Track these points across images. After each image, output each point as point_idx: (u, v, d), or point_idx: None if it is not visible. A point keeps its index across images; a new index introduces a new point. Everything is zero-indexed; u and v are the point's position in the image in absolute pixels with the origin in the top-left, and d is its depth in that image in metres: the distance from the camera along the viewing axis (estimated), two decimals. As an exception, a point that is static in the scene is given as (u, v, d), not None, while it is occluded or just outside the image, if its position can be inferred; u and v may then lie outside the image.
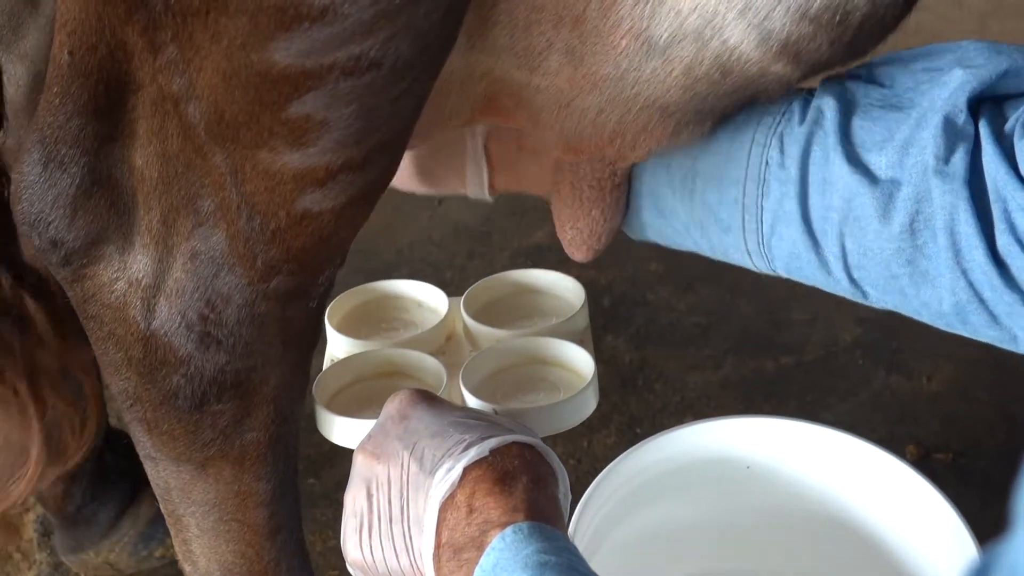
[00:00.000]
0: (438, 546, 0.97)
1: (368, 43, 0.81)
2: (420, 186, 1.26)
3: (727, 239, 1.09)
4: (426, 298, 1.39)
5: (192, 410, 1.01)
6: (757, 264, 1.09)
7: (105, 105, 0.88)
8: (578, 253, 1.16)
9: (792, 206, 1.03)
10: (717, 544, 1.33)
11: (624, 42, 0.95)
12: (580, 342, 1.26)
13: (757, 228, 1.06)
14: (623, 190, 1.12)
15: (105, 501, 1.62)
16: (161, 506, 1.12)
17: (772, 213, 1.04)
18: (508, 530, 0.92)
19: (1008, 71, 0.97)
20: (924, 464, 1.75)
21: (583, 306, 1.32)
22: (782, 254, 1.06)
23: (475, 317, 1.32)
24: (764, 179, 1.04)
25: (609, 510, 1.18)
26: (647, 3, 0.93)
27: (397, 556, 1.02)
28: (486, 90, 1.03)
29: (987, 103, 0.98)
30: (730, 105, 1.03)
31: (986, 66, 0.98)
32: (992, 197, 0.94)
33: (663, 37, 0.95)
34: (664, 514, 1.26)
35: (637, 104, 1.00)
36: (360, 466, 1.06)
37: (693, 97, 1.00)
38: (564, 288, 1.37)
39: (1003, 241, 0.94)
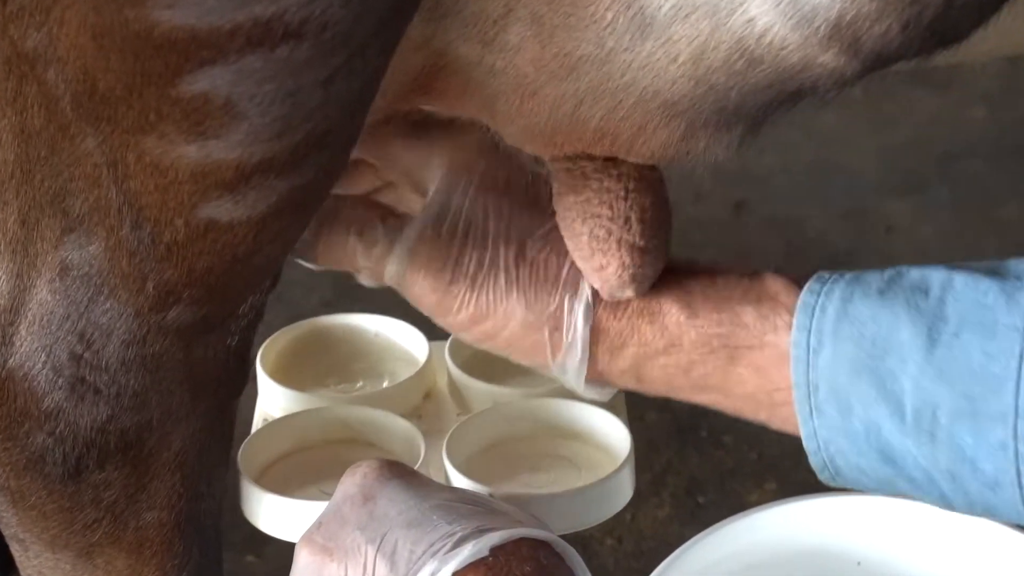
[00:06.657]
0: None
1: (283, 2, 0.72)
2: (492, 347, 1.09)
3: (994, 496, 0.94)
4: (398, 339, 1.24)
5: (65, 479, 0.92)
6: None
7: None
8: (620, 288, 1.01)
9: None
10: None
11: (610, 14, 0.85)
12: (610, 407, 1.11)
13: None
14: (659, 184, 1.00)
15: None
16: None
17: None
18: None
19: None
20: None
21: None
22: None
23: (465, 368, 1.18)
24: None
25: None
26: None
27: None
28: (423, 64, 0.92)
29: None
30: (765, 103, 0.92)
31: None
32: None
33: (664, 9, 0.85)
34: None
35: (631, 97, 0.90)
36: (305, 566, 0.94)
37: (709, 91, 0.89)
38: None
39: None
